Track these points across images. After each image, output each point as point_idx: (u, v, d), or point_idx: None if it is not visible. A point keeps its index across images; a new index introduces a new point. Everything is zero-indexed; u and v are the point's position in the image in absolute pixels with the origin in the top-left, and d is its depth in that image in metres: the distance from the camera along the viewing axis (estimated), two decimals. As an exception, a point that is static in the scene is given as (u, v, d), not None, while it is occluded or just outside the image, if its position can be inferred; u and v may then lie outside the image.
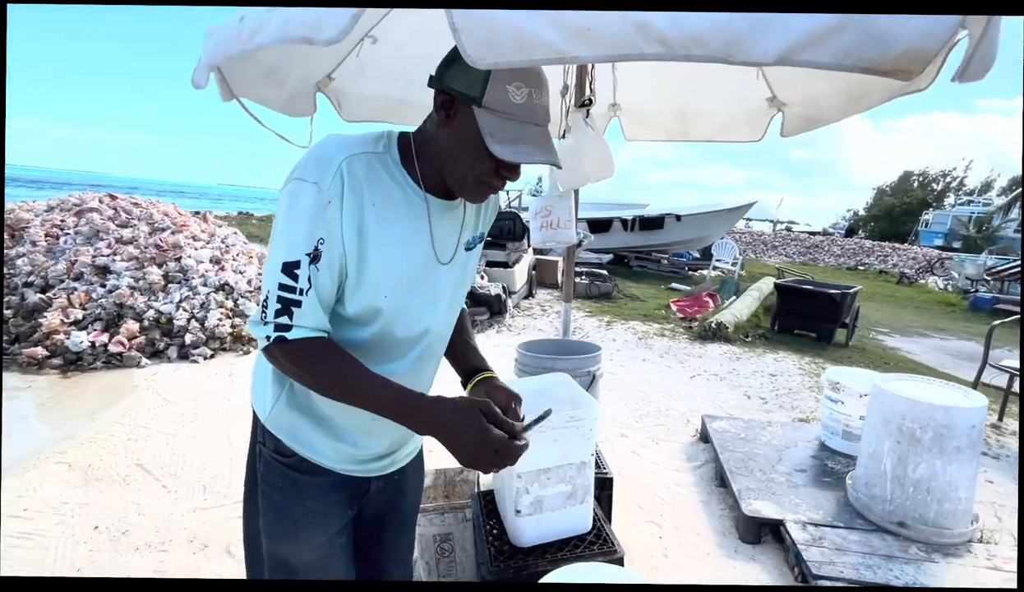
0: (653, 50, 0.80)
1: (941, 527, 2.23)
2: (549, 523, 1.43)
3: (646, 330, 6.51)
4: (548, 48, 0.77)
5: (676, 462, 3.20)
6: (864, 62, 0.80)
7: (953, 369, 6.11)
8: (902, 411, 2.28)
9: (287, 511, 0.99)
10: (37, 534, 2.24)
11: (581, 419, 1.38)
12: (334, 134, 0.88)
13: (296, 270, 0.80)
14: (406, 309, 0.92)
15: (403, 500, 1.16)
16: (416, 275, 0.92)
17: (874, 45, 0.79)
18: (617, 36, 0.79)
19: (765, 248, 24.27)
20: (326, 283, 0.82)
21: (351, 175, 0.82)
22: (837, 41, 0.78)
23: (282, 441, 0.97)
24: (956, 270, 15.15)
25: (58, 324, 4.22)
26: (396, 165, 0.89)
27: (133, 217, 5.49)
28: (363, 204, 0.83)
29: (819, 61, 0.80)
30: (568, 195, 2.19)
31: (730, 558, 2.32)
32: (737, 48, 0.79)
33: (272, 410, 0.97)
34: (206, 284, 5.03)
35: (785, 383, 4.79)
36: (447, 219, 0.95)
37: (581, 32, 0.78)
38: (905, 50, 0.79)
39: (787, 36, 0.78)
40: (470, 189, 0.89)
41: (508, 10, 0.78)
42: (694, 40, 0.79)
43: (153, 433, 3.17)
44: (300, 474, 0.97)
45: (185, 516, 2.42)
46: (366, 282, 0.86)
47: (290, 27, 0.85)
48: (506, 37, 0.76)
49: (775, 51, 0.79)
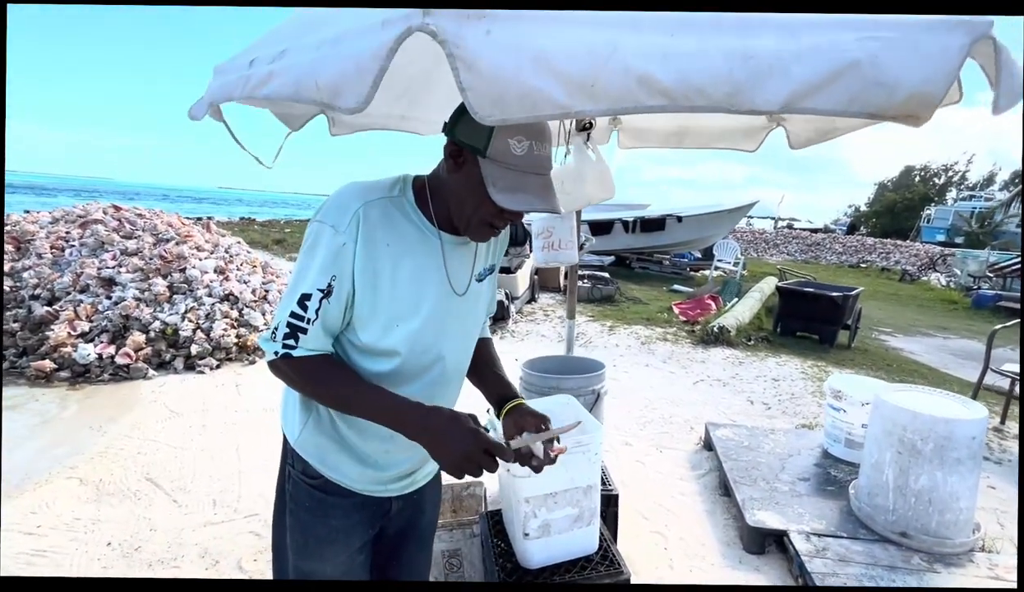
0: (656, 102, 0.82)
1: (943, 537, 2.25)
2: (557, 545, 1.46)
3: (649, 334, 6.54)
4: (553, 104, 0.79)
5: (680, 471, 3.22)
6: (870, 108, 0.81)
7: (956, 369, 6.12)
8: (903, 422, 2.30)
9: (312, 530, 1.07)
10: (51, 551, 2.27)
11: (587, 444, 1.41)
12: (355, 181, 0.98)
13: (307, 302, 0.91)
14: (418, 338, 0.99)
15: (422, 518, 1.22)
16: (430, 306, 0.98)
17: (880, 91, 0.80)
18: (621, 90, 0.81)
19: (767, 247, 24.26)
20: (334, 314, 0.93)
21: (366, 220, 0.91)
22: (841, 88, 0.79)
23: (309, 464, 1.05)
24: (958, 267, 15.12)
25: (65, 336, 4.25)
26: (411, 206, 0.97)
27: (137, 228, 5.53)
28: (376, 245, 0.92)
29: (824, 108, 0.81)
30: (570, 216, 2.21)
31: (734, 569, 2.35)
32: (740, 97, 0.81)
33: (301, 434, 1.05)
34: (211, 294, 5.06)
35: (788, 388, 4.81)
36: (460, 253, 1.03)
37: (584, 88, 0.80)
38: (910, 96, 0.80)
39: (789, 84, 0.79)
40: (475, 230, 0.97)
41: (514, 66, 0.79)
42: (697, 91, 0.81)
43: (162, 446, 3.20)
44: (325, 495, 1.05)
45: (196, 531, 2.45)
46: (380, 313, 0.95)
47: (304, 88, 0.86)
48: (512, 95, 0.78)
49: (777, 100, 0.80)
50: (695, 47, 0.82)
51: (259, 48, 1.14)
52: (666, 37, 0.82)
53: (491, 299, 1.19)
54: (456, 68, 0.77)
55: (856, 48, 0.79)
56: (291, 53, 0.99)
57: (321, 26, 1.01)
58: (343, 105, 0.78)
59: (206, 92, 1.22)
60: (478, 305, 1.10)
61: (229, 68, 1.19)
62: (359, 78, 0.77)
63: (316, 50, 0.93)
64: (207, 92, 1.22)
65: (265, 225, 20.07)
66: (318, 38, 0.95)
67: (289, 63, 0.97)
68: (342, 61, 0.85)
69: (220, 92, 1.16)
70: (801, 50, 0.80)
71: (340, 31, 0.90)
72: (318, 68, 0.86)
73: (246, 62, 1.11)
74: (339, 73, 0.81)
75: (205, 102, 1.22)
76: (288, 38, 1.07)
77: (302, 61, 0.94)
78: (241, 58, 1.17)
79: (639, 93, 0.81)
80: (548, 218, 2.21)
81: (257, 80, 1.01)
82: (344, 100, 0.78)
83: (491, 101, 0.78)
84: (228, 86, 1.12)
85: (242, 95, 1.06)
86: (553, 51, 0.80)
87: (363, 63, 0.80)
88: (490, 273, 1.13)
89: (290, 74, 0.92)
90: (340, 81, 0.80)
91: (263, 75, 0.99)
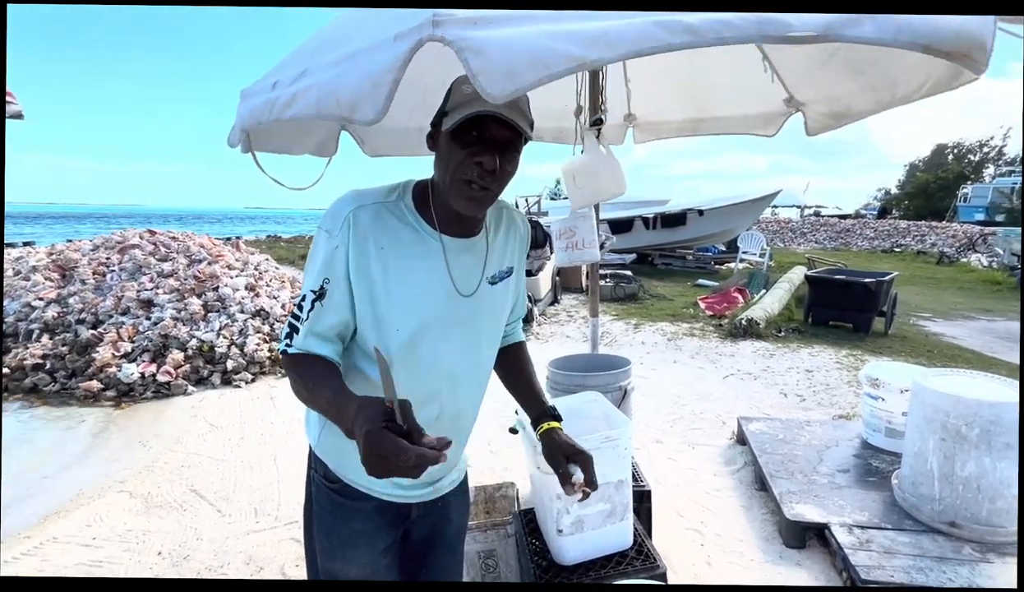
0: (681, 40, 0.77)
1: (995, 526, 2.16)
2: (591, 541, 1.46)
3: (675, 330, 6.45)
4: (568, 58, 0.76)
5: (714, 466, 3.17)
6: (921, 39, 0.75)
7: (1003, 353, 5.85)
8: (946, 408, 2.22)
9: (335, 532, 1.08)
10: (107, 562, 2.38)
11: (616, 439, 1.41)
12: (354, 189, 0.99)
13: (303, 303, 0.94)
14: (423, 340, 0.98)
15: (448, 526, 1.21)
16: (434, 308, 0.98)
17: (926, 25, 0.75)
18: (640, 33, 0.77)
19: (793, 236, 23.64)
20: (328, 316, 0.94)
21: (356, 223, 0.92)
22: (886, 16, 0.73)
23: (329, 468, 1.06)
24: (1001, 246, 14.42)
25: (110, 357, 4.46)
26: (409, 210, 0.97)
27: (172, 250, 5.75)
28: (368, 248, 0.92)
29: (871, 36, 0.74)
30: (589, 214, 2.22)
31: (775, 564, 2.30)
32: (773, 24, 0.74)
33: (320, 437, 1.07)
34: (243, 311, 5.23)
35: (822, 379, 4.69)
36: (467, 256, 1.01)
37: (598, 38, 0.77)
38: (958, 32, 0.75)
39: (829, 10, 0.75)
40: (458, 194, 0.92)
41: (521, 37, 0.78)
42: (724, 24, 0.76)
43: (204, 459, 3.32)
44: (345, 499, 1.06)
45: (240, 539, 2.53)
46: (380, 317, 0.95)
47: (325, 105, 0.90)
48: (523, 62, 0.76)
49: (818, 25, 0.73)
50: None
51: (281, 70, 1.20)
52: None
53: (516, 303, 1.17)
54: (465, 59, 0.77)
55: None
56: (311, 73, 1.04)
57: (338, 44, 1.05)
58: (361, 118, 0.82)
59: (237, 118, 1.28)
60: (492, 308, 1.08)
61: (254, 91, 1.24)
62: (375, 91, 0.81)
63: (335, 67, 0.97)
64: (237, 117, 1.28)
65: (291, 241, 20.58)
66: (336, 56, 0.99)
67: (310, 83, 1.01)
68: (359, 76, 0.88)
69: (249, 117, 1.20)
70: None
71: (356, 48, 0.93)
72: (337, 85, 0.90)
73: (269, 85, 1.16)
74: (356, 88, 0.84)
75: (238, 128, 1.27)
76: (307, 58, 1.12)
77: (322, 80, 0.98)
78: (265, 81, 1.22)
79: (660, 33, 0.77)
80: (569, 218, 2.22)
81: (283, 103, 1.05)
82: (362, 113, 0.81)
83: (502, 75, 0.76)
84: (256, 110, 1.16)
85: (270, 118, 1.10)
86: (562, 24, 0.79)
87: (378, 77, 0.83)
88: (508, 275, 1.10)
89: (312, 94, 0.96)
90: (358, 95, 0.83)
91: (287, 97, 1.04)
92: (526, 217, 1.20)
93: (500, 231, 1.09)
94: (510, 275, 1.11)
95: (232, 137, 1.31)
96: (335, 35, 1.18)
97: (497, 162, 0.89)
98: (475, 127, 0.88)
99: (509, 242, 1.11)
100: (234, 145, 1.33)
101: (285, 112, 1.02)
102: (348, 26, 1.16)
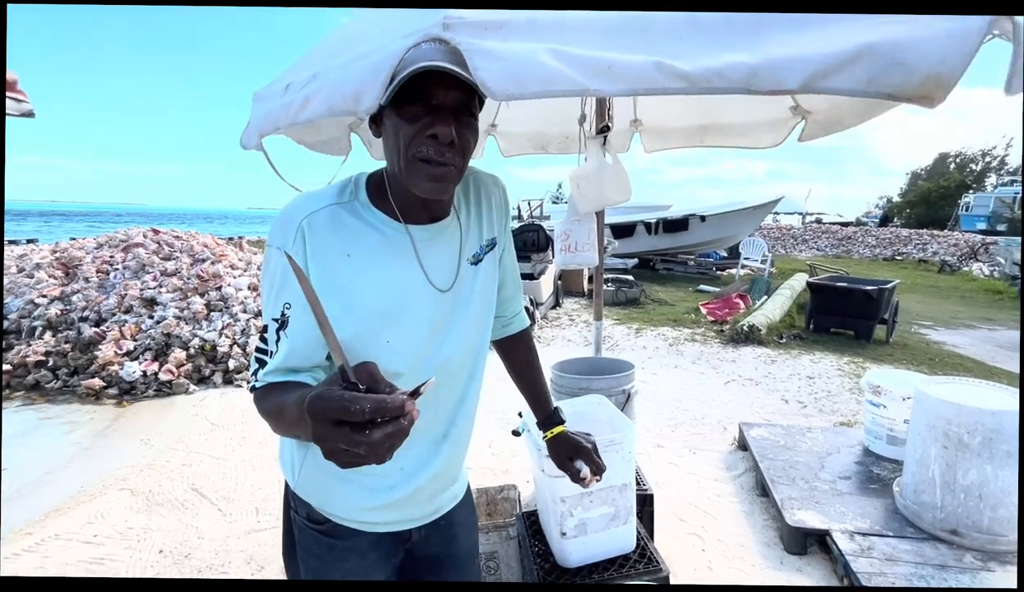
0: (675, 85, 0.80)
1: (997, 534, 2.16)
2: (594, 544, 1.47)
3: (677, 336, 6.46)
4: (570, 81, 0.78)
5: (715, 472, 3.17)
6: (888, 89, 0.80)
7: (1004, 362, 5.85)
8: (947, 416, 2.22)
9: (327, 575, 0.98)
10: (108, 559, 2.39)
11: (620, 443, 1.42)
12: (303, 193, 0.88)
13: (266, 334, 0.83)
14: (407, 346, 0.87)
15: (456, 546, 1.08)
16: (411, 310, 0.87)
17: (898, 71, 0.79)
18: (639, 73, 0.80)
19: (795, 242, 23.66)
20: (297, 343, 0.81)
21: (312, 232, 0.80)
22: (860, 68, 0.78)
23: (312, 507, 0.94)
24: (1002, 255, 14.45)
25: (112, 356, 4.47)
26: (366, 208, 0.86)
27: (175, 249, 5.77)
28: (331, 257, 0.81)
29: (843, 88, 0.80)
30: (589, 218, 2.23)
31: (776, 570, 2.30)
32: (759, 78, 0.80)
33: (300, 475, 0.95)
34: (245, 311, 5.24)
35: (824, 386, 4.69)
36: (439, 243, 0.90)
37: (601, 70, 0.80)
38: (928, 76, 0.78)
39: (808, 65, 0.79)
40: (416, 177, 0.80)
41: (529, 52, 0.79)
42: (716, 74, 0.80)
43: (205, 458, 3.33)
44: (335, 539, 0.95)
45: (241, 538, 2.53)
46: (362, 332, 0.83)
47: (334, 102, 0.91)
48: (528, 72, 0.77)
49: (797, 80, 0.79)
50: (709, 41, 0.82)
51: (293, 73, 1.21)
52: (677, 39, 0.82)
53: (506, 280, 1.07)
54: (471, 58, 0.77)
55: (873, 31, 0.79)
56: (321, 75, 1.05)
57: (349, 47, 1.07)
58: (362, 107, 0.81)
59: (251, 121, 1.27)
60: (480, 289, 0.95)
61: (267, 94, 1.25)
62: (374, 78, 0.79)
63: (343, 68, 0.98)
64: (252, 121, 1.26)
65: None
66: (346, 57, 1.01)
67: (321, 84, 1.02)
68: (362, 69, 0.87)
69: (266, 122, 1.19)
70: (818, 35, 0.80)
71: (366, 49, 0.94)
72: (344, 81, 0.91)
73: (282, 87, 1.17)
74: (359, 79, 0.84)
75: (254, 132, 1.26)
76: (318, 61, 1.13)
77: (331, 79, 0.99)
78: (277, 84, 1.23)
79: (658, 76, 0.80)
80: (566, 222, 2.24)
81: (297, 106, 1.05)
82: (363, 102, 0.81)
83: (506, 76, 0.76)
84: (272, 115, 1.16)
85: (287, 123, 1.10)
86: (569, 45, 0.81)
87: (378, 65, 0.83)
88: (491, 248, 0.97)
89: (322, 94, 0.97)
90: (361, 86, 0.83)
91: (301, 100, 1.05)
92: (498, 180, 1.04)
93: (471, 204, 0.97)
94: (493, 247, 0.99)
95: (247, 140, 1.31)
96: (346, 38, 1.19)
97: (453, 131, 0.77)
98: (420, 97, 0.77)
99: (484, 213, 0.98)
100: (248, 147, 1.33)
101: (300, 116, 1.03)
102: (359, 29, 1.18)
